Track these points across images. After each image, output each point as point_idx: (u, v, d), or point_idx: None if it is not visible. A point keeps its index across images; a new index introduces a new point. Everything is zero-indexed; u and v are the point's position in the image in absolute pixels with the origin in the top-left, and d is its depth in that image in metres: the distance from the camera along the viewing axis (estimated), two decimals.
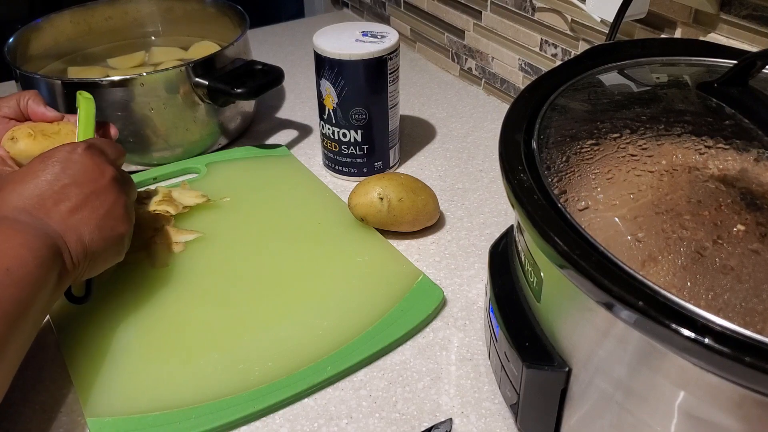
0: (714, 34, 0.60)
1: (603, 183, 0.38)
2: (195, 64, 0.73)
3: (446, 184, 0.74)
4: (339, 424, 0.48)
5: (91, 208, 0.50)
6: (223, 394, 0.49)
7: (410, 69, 1.01)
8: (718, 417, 0.31)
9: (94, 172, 0.52)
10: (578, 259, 0.32)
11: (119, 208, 0.53)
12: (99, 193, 0.51)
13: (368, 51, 0.66)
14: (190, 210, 0.68)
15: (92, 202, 0.51)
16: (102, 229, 0.51)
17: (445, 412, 0.49)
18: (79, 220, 0.50)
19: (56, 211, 0.49)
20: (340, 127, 0.71)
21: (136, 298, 0.57)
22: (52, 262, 0.46)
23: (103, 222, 0.51)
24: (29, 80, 0.73)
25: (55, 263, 0.47)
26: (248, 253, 0.63)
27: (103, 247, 0.51)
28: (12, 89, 0.81)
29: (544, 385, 0.40)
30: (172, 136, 0.76)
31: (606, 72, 0.48)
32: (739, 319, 0.30)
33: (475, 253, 0.64)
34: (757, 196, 0.35)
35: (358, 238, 0.64)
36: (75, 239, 0.49)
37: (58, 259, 0.47)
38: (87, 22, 0.91)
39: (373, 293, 0.57)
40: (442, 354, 0.53)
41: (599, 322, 0.35)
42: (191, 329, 0.54)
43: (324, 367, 0.51)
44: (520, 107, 0.44)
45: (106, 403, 0.48)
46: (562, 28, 0.77)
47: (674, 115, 0.42)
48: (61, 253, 0.48)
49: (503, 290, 0.44)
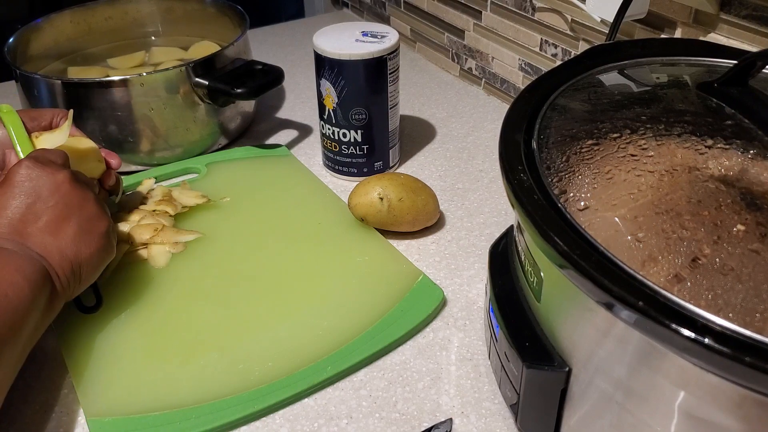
0: (714, 34, 0.60)
1: (603, 183, 0.38)
2: (195, 64, 0.73)
3: (446, 184, 0.74)
4: (339, 424, 0.48)
5: (63, 219, 0.50)
6: (223, 394, 0.49)
7: (410, 69, 1.01)
8: (718, 417, 0.31)
9: (51, 181, 0.51)
10: (578, 259, 0.32)
11: (90, 206, 0.52)
12: (65, 199, 0.50)
13: (368, 51, 0.66)
14: (190, 210, 0.68)
15: (62, 212, 0.50)
16: (83, 236, 0.50)
17: (445, 412, 0.49)
18: (57, 237, 0.49)
19: (31, 232, 0.48)
20: (340, 127, 0.71)
21: (136, 299, 0.57)
22: (43, 284, 0.47)
23: (80, 228, 0.50)
24: (29, 80, 0.73)
25: (45, 286, 0.47)
26: (248, 253, 0.63)
27: (89, 253, 0.51)
28: (12, 89, 0.81)
29: (544, 385, 0.40)
30: (172, 136, 0.76)
31: (606, 72, 0.48)
32: (739, 319, 0.30)
33: (475, 253, 0.64)
34: (757, 196, 0.35)
35: (358, 238, 0.64)
36: (58, 257, 0.49)
37: (47, 282, 0.47)
38: (87, 22, 0.91)
39: (373, 293, 0.57)
40: (442, 354, 0.53)
41: (599, 322, 0.35)
42: (191, 329, 0.54)
43: (324, 367, 0.51)
44: (520, 107, 0.44)
45: (106, 403, 0.48)
46: (562, 28, 0.77)
47: (674, 115, 0.42)
48: (49, 275, 0.48)
49: (503, 290, 0.44)
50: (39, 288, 0.46)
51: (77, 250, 0.50)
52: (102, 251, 0.52)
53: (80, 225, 0.51)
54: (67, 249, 0.49)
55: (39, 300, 0.46)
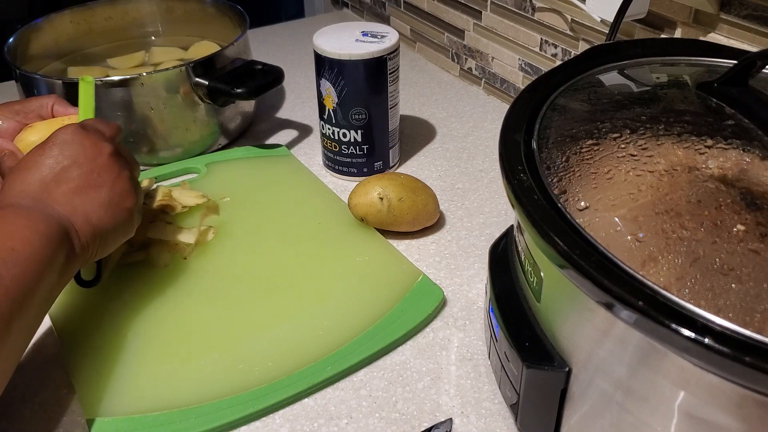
0: (714, 34, 0.60)
1: (603, 183, 0.38)
2: (195, 64, 0.73)
3: (446, 184, 0.74)
4: (339, 424, 0.48)
5: (94, 186, 0.50)
6: (223, 394, 0.49)
7: (410, 69, 1.01)
8: (718, 417, 0.31)
9: (92, 150, 0.51)
10: (578, 259, 0.32)
11: (123, 182, 0.52)
12: (100, 171, 0.51)
13: (368, 51, 0.66)
14: (190, 210, 0.68)
15: (95, 180, 0.50)
16: (109, 206, 0.51)
17: (445, 412, 0.49)
18: (84, 200, 0.49)
19: (60, 193, 0.49)
20: (340, 127, 0.71)
21: (136, 299, 0.57)
22: (59, 243, 0.46)
23: (109, 199, 0.51)
24: (29, 80, 0.73)
25: (62, 245, 0.47)
26: (248, 253, 0.63)
27: (112, 224, 0.51)
28: (12, 89, 0.81)
29: (544, 385, 0.40)
30: (172, 136, 0.76)
31: (606, 72, 0.48)
32: (739, 319, 0.30)
33: (475, 253, 0.64)
34: (757, 196, 0.35)
35: (358, 238, 0.64)
36: (82, 220, 0.49)
37: (65, 240, 0.47)
38: (87, 22, 0.91)
39: (373, 293, 0.57)
40: (442, 354, 0.53)
41: (599, 322, 0.35)
42: (191, 329, 0.54)
43: (324, 367, 0.51)
44: (520, 107, 0.44)
45: (106, 403, 0.48)
46: (562, 28, 0.77)
47: (674, 115, 0.42)
48: (68, 234, 0.47)
49: (503, 290, 0.44)
50: (56, 245, 0.46)
51: (101, 218, 0.50)
52: (124, 226, 0.52)
53: (110, 196, 0.51)
54: (92, 214, 0.50)
55: (55, 258, 0.46)
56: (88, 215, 0.49)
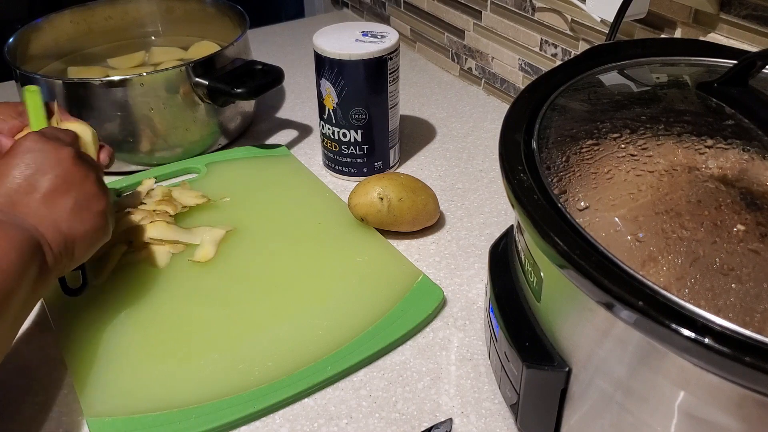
0: (714, 34, 0.60)
1: (603, 183, 0.38)
2: (195, 64, 0.73)
3: (446, 184, 0.74)
4: (339, 424, 0.48)
5: (61, 193, 0.49)
6: (223, 394, 0.49)
7: (410, 69, 1.01)
8: (718, 417, 0.31)
9: (54, 156, 0.50)
10: (578, 259, 0.32)
11: (90, 186, 0.51)
12: (65, 176, 0.50)
13: (368, 51, 0.66)
14: (190, 210, 0.68)
15: (60, 186, 0.50)
16: (79, 212, 0.50)
17: (445, 412, 0.49)
18: (53, 209, 0.49)
19: (27, 203, 0.48)
20: (340, 127, 0.71)
21: (136, 298, 0.57)
22: (32, 255, 0.46)
23: (78, 204, 0.50)
24: (29, 80, 0.73)
25: (35, 256, 0.46)
26: (248, 253, 0.63)
27: (82, 230, 0.50)
28: (12, 89, 0.81)
29: (544, 385, 0.40)
30: (172, 136, 0.76)
31: (606, 72, 0.48)
32: (739, 319, 0.30)
33: (475, 253, 0.64)
34: (757, 196, 0.35)
35: (358, 238, 0.64)
36: (52, 230, 0.48)
37: (37, 252, 0.46)
38: (87, 22, 0.91)
39: (373, 293, 0.57)
40: (442, 354, 0.53)
41: (599, 322, 0.35)
42: (191, 329, 0.54)
43: (324, 367, 0.51)
44: (520, 107, 0.44)
45: (106, 403, 0.48)
46: (562, 28, 0.77)
47: (674, 115, 0.42)
48: (40, 246, 0.47)
49: (503, 290, 0.44)
50: (28, 258, 0.45)
51: (72, 226, 0.49)
52: (97, 230, 0.51)
53: (77, 201, 0.50)
54: (61, 223, 0.49)
55: (28, 271, 0.45)
56: (57, 224, 0.48)
